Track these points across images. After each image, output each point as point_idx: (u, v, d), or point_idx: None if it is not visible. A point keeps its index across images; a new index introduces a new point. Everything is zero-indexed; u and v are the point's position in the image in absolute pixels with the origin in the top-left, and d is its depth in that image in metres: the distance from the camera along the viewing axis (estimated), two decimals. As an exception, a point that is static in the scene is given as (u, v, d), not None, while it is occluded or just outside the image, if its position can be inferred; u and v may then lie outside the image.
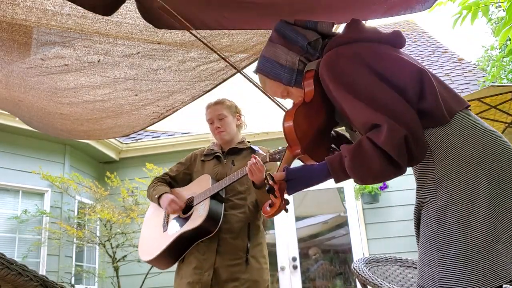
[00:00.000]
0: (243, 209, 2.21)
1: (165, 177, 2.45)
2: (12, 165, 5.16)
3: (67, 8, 1.82)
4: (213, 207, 2.13)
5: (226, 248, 2.13)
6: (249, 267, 2.12)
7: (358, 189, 5.33)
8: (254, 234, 2.20)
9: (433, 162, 1.18)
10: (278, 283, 5.47)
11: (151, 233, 2.36)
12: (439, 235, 1.12)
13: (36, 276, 1.12)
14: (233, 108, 2.42)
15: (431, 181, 1.17)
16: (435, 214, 1.14)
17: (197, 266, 2.12)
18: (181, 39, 2.11)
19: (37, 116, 2.99)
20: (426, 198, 1.18)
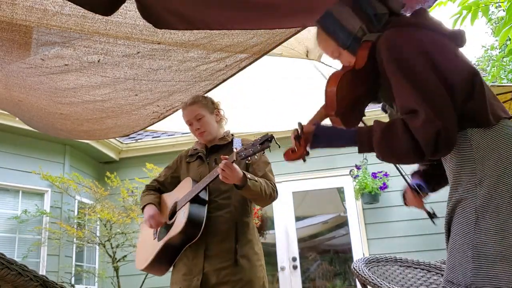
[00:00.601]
0: (229, 208, 2.15)
1: (154, 184, 2.43)
2: (12, 165, 5.16)
3: (67, 8, 1.82)
4: (194, 211, 2.08)
5: (214, 251, 2.08)
6: (239, 268, 2.05)
7: (358, 189, 5.33)
8: (242, 232, 2.14)
9: (474, 162, 1.21)
10: (278, 283, 5.47)
11: (145, 242, 2.35)
12: (476, 233, 1.15)
13: (36, 276, 1.12)
14: (210, 104, 2.33)
15: (471, 180, 1.20)
16: (473, 213, 1.17)
17: (186, 272, 2.09)
18: (181, 39, 2.11)
19: (37, 116, 2.99)
20: (464, 196, 1.21)
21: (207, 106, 2.31)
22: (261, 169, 2.21)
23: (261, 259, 2.18)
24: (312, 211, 6.23)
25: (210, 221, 2.09)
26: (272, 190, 2.16)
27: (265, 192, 2.09)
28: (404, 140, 1.18)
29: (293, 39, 2.32)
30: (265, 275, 2.17)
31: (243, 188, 2.01)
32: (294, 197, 5.83)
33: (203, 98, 2.34)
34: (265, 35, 2.13)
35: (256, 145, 1.93)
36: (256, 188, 2.04)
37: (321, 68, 3.24)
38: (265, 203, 2.18)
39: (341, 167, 5.64)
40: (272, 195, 2.15)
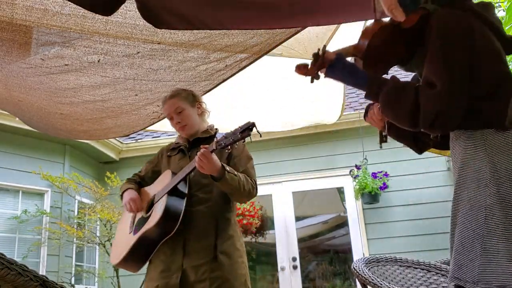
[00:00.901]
0: (209, 203, 2.06)
1: (134, 178, 2.35)
2: (12, 165, 5.16)
3: (67, 8, 1.82)
4: (171, 203, 1.99)
5: (193, 247, 1.99)
6: (219, 265, 1.96)
7: (358, 189, 5.33)
8: (223, 228, 2.05)
9: (487, 161, 1.25)
10: (278, 283, 5.47)
11: (121, 236, 2.25)
12: (485, 231, 1.19)
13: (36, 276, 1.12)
14: (191, 97, 2.25)
15: (483, 178, 1.24)
16: (483, 211, 1.21)
17: (164, 269, 2.00)
18: (181, 39, 2.11)
19: (37, 116, 2.99)
20: (473, 194, 1.25)
21: (187, 99, 2.22)
22: (243, 164, 2.14)
23: (243, 256, 2.09)
24: (312, 211, 6.23)
25: (189, 215, 2.00)
26: (252, 187, 2.07)
27: (244, 187, 2.00)
28: (409, 102, 1.26)
29: (293, 39, 2.32)
30: (247, 272, 2.08)
31: (221, 180, 1.93)
32: (294, 197, 5.83)
33: (183, 91, 2.25)
34: (265, 35, 2.13)
35: (237, 134, 1.85)
36: (234, 182, 1.96)
37: (321, 68, 3.23)
38: (243, 199, 2.11)
39: (341, 167, 5.64)
40: (251, 192, 2.07)
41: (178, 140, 2.30)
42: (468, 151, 1.29)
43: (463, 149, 1.31)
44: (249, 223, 5.32)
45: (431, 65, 1.29)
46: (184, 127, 2.20)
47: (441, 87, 1.23)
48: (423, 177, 5.33)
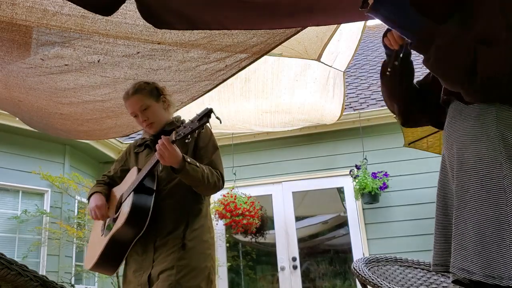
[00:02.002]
0: (178, 196, 2.00)
1: (103, 178, 2.27)
2: (12, 165, 5.16)
3: (67, 8, 1.82)
4: (138, 201, 1.91)
5: (163, 241, 1.93)
6: (185, 253, 1.89)
7: (358, 189, 5.33)
8: (192, 219, 1.99)
9: (499, 138, 1.14)
10: (278, 283, 5.47)
11: (93, 239, 2.19)
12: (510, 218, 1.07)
13: (36, 276, 1.12)
14: (155, 91, 2.11)
15: (495, 160, 1.13)
16: (503, 194, 1.09)
17: (136, 268, 1.95)
18: (181, 39, 2.11)
19: (37, 116, 2.99)
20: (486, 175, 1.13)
21: (151, 94, 2.09)
22: (209, 155, 2.05)
23: (211, 248, 2.02)
24: (312, 211, 6.23)
25: (159, 211, 1.95)
26: (217, 179, 1.99)
27: (208, 179, 1.93)
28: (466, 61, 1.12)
29: (293, 39, 2.32)
30: (213, 266, 2.01)
31: (181, 172, 1.85)
32: (294, 197, 5.83)
33: (146, 85, 2.10)
34: (265, 35, 2.13)
35: (195, 122, 1.75)
36: (196, 173, 1.88)
37: (321, 68, 3.24)
38: (207, 191, 2.03)
39: (341, 167, 5.64)
40: (217, 184, 1.99)
41: (144, 135, 2.22)
42: (476, 125, 1.18)
43: (468, 123, 1.19)
44: (249, 223, 5.32)
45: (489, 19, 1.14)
46: (152, 125, 2.09)
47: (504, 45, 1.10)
48: (423, 177, 5.33)
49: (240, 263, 5.92)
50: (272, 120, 4.07)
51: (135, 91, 2.07)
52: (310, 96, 3.65)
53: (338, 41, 2.88)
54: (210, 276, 1.96)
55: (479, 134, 1.17)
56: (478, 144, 1.17)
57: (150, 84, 2.12)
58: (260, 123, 4.04)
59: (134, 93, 2.07)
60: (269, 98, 3.57)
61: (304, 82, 3.43)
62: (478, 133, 1.17)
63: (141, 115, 2.07)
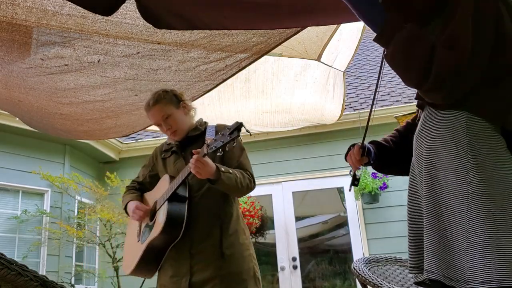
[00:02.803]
0: (210, 201, 2.04)
1: (133, 185, 2.32)
2: (12, 165, 5.16)
3: (67, 8, 1.82)
4: (173, 209, 1.98)
5: (200, 248, 1.98)
6: (226, 262, 1.95)
7: (358, 189, 5.33)
8: (226, 224, 2.03)
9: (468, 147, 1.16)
10: (278, 283, 5.47)
11: (130, 245, 2.26)
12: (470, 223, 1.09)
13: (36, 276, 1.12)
14: (174, 98, 2.14)
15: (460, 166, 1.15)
16: (466, 200, 1.11)
17: (173, 274, 1.99)
18: (181, 39, 2.11)
19: (37, 116, 2.99)
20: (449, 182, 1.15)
21: (171, 101, 2.12)
22: (236, 157, 2.10)
23: (250, 249, 2.07)
24: (312, 211, 6.23)
25: (193, 217, 2.00)
26: (249, 180, 2.05)
27: (241, 184, 1.99)
28: (424, 57, 1.13)
29: (293, 39, 2.32)
30: (256, 264, 2.06)
31: (217, 182, 1.91)
32: (294, 197, 5.83)
33: (165, 93, 2.13)
34: (265, 35, 2.13)
35: (226, 136, 1.79)
36: (231, 181, 1.94)
37: (321, 68, 3.24)
38: (241, 194, 2.09)
39: (341, 167, 5.64)
40: (249, 186, 2.05)
41: (170, 141, 2.24)
42: (446, 132, 1.20)
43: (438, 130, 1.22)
44: (249, 223, 5.32)
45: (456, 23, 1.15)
46: (175, 132, 2.13)
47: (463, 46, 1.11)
48: (423, 177, 5.32)
49: (240, 263, 5.91)
50: (272, 120, 4.07)
51: (155, 101, 2.10)
52: (310, 96, 3.65)
53: (338, 41, 2.88)
54: (256, 274, 2.02)
55: (449, 140, 1.19)
56: (447, 150, 1.19)
57: (169, 92, 2.14)
58: (260, 123, 4.04)
59: (155, 103, 2.10)
60: (269, 98, 3.57)
61: (304, 82, 3.43)
62: (448, 139, 1.20)
63: (164, 124, 2.11)
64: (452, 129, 1.20)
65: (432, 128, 1.26)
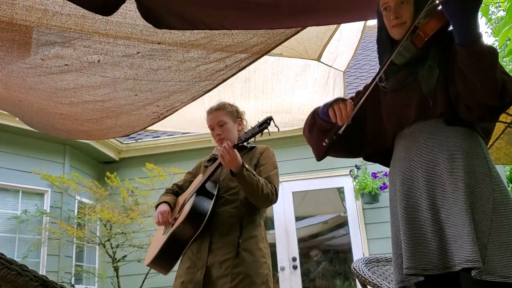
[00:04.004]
0: (235, 204, 2.15)
1: (173, 187, 2.47)
2: (12, 165, 5.16)
3: (67, 8, 1.82)
4: (198, 202, 2.08)
5: (218, 244, 2.08)
6: (240, 261, 2.03)
7: (358, 189, 5.33)
8: (247, 227, 2.13)
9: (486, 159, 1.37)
10: (278, 283, 5.47)
11: (155, 239, 2.36)
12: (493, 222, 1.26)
13: (36, 276, 1.12)
14: (235, 113, 2.38)
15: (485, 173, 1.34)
16: (491, 203, 1.29)
17: (190, 265, 2.09)
18: (181, 39, 2.11)
19: (37, 116, 2.99)
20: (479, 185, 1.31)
21: (231, 114, 2.35)
22: (267, 171, 2.26)
23: (266, 257, 2.14)
24: (312, 211, 6.23)
25: (216, 215, 2.11)
26: (271, 192, 2.15)
27: (262, 189, 2.08)
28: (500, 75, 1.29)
29: (293, 39, 2.32)
30: (270, 273, 2.11)
31: (238, 175, 2.01)
32: (294, 197, 5.83)
33: (229, 106, 2.37)
34: (265, 35, 2.13)
35: (255, 128, 1.98)
36: (253, 181, 2.04)
37: (321, 68, 3.24)
38: (261, 202, 2.15)
39: (341, 167, 5.64)
40: (270, 197, 2.14)
41: (215, 152, 2.41)
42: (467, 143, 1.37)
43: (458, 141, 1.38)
44: (249, 223, 5.32)
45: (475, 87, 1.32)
46: (223, 140, 2.26)
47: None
48: (423, 177, 5.32)
49: (240, 263, 5.92)
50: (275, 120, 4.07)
51: (218, 107, 2.34)
52: (310, 96, 3.65)
53: (338, 41, 2.88)
54: (269, 283, 2.06)
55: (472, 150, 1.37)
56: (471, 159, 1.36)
57: (233, 106, 2.39)
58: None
59: (217, 109, 2.34)
60: (269, 98, 3.57)
61: (304, 82, 3.43)
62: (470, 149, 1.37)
63: (217, 129, 2.30)
64: (468, 139, 1.38)
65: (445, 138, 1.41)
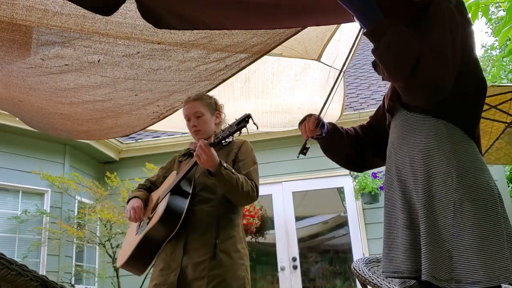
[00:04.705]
0: (212, 202, 2.05)
1: (145, 183, 2.38)
2: (12, 165, 5.16)
3: (67, 8, 1.82)
4: (173, 202, 1.98)
5: (194, 245, 1.98)
6: (217, 263, 1.93)
7: (358, 189, 5.33)
8: (224, 227, 2.02)
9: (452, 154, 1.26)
10: (278, 283, 5.47)
11: (128, 238, 2.26)
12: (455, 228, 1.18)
13: (36, 276, 1.12)
14: (213, 105, 2.27)
15: (446, 173, 1.24)
16: (452, 206, 1.21)
17: (164, 267, 1.99)
18: (181, 39, 2.11)
19: (37, 116, 2.99)
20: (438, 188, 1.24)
21: (209, 105, 2.25)
22: (246, 167, 2.13)
23: (244, 258, 2.04)
24: (312, 211, 6.23)
25: (192, 214, 2.01)
26: (252, 189, 2.05)
27: (242, 187, 1.98)
28: (414, 55, 1.19)
29: (293, 39, 2.32)
30: (247, 276, 2.02)
31: (217, 176, 1.92)
32: (294, 197, 5.83)
33: (208, 97, 2.28)
34: (265, 35, 2.13)
35: (233, 126, 1.87)
36: (231, 179, 1.94)
37: (321, 68, 3.24)
38: (241, 200, 2.06)
39: (341, 167, 5.64)
40: (251, 194, 2.04)
41: (190, 146, 2.32)
42: (430, 139, 1.30)
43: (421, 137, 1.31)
44: (249, 223, 5.33)
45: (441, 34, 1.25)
46: (198, 132, 2.20)
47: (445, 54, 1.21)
48: (423, 177, 5.32)
49: (240, 263, 5.91)
50: (272, 120, 4.07)
51: (196, 97, 2.25)
52: (310, 96, 3.65)
53: (338, 41, 2.88)
54: (246, 286, 1.98)
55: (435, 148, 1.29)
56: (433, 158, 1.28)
57: (212, 98, 2.30)
58: (260, 123, 4.04)
59: (195, 99, 2.24)
60: (269, 98, 3.57)
61: (304, 82, 3.43)
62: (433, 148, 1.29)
63: (193, 120, 2.20)
64: (435, 135, 1.30)
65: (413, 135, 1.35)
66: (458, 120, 1.30)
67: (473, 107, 1.34)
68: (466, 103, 1.31)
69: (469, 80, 1.30)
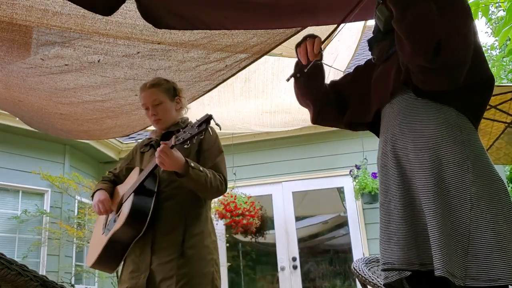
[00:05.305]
0: (178, 198, 1.97)
1: (109, 176, 2.25)
2: (12, 165, 5.16)
3: (67, 8, 1.82)
4: (138, 202, 1.90)
5: (161, 244, 1.91)
6: (186, 261, 1.87)
7: (358, 189, 5.32)
8: (192, 224, 1.95)
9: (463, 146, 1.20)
10: (278, 283, 5.47)
11: (95, 237, 2.19)
12: (473, 224, 1.13)
13: (36, 276, 1.12)
14: (172, 90, 2.11)
15: (460, 164, 1.18)
16: (468, 200, 1.15)
17: (134, 269, 1.93)
18: (181, 39, 2.11)
19: (37, 116, 2.99)
20: (453, 181, 1.18)
21: (168, 91, 2.09)
22: (212, 158, 2.03)
23: (213, 253, 1.98)
24: (312, 211, 6.22)
25: (158, 213, 1.93)
26: (220, 183, 1.97)
27: (211, 184, 1.91)
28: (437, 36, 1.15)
29: (293, 39, 2.32)
30: (216, 270, 1.97)
31: (185, 177, 1.84)
32: (294, 197, 5.83)
33: (165, 82, 2.11)
34: (265, 35, 2.13)
35: (194, 128, 1.74)
36: (199, 178, 1.87)
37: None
38: (210, 195, 2.00)
39: (341, 167, 5.64)
40: (220, 189, 1.96)
41: (151, 135, 2.20)
42: (442, 130, 1.23)
43: (430, 122, 1.25)
44: (249, 223, 5.32)
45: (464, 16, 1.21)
46: (159, 121, 2.09)
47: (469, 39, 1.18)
48: (423, 177, 5.32)
49: (240, 263, 5.92)
50: (272, 120, 4.07)
51: (152, 84, 2.08)
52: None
53: (338, 41, 2.89)
54: (214, 281, 1.93)
55: (446, 136, 1.22)
56: (444, 147, 1.22)
57: (170, 83, 2.13)
58: (260, 123, 4.04)
59: (151, 86, 2.07)
60: (269, 98, 3.57)
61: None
62: (444, 136, 1.22)
63: (151, 109, 2.07)
64: (445, 123, 1.24)
65: (420, 120, 1.28)
66: (465, 110, 1.26)
67: (480, 98, 1.30)
68: (473, 94, 1.27)
69: (477, 71, 1.26)
